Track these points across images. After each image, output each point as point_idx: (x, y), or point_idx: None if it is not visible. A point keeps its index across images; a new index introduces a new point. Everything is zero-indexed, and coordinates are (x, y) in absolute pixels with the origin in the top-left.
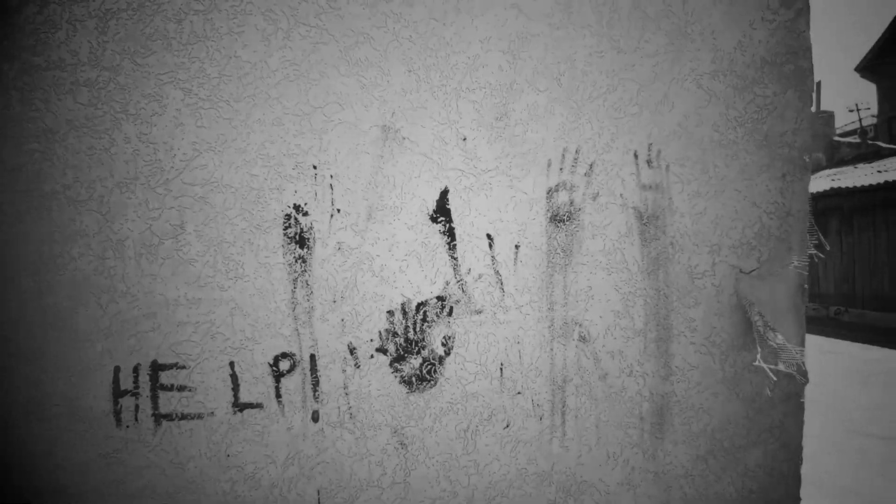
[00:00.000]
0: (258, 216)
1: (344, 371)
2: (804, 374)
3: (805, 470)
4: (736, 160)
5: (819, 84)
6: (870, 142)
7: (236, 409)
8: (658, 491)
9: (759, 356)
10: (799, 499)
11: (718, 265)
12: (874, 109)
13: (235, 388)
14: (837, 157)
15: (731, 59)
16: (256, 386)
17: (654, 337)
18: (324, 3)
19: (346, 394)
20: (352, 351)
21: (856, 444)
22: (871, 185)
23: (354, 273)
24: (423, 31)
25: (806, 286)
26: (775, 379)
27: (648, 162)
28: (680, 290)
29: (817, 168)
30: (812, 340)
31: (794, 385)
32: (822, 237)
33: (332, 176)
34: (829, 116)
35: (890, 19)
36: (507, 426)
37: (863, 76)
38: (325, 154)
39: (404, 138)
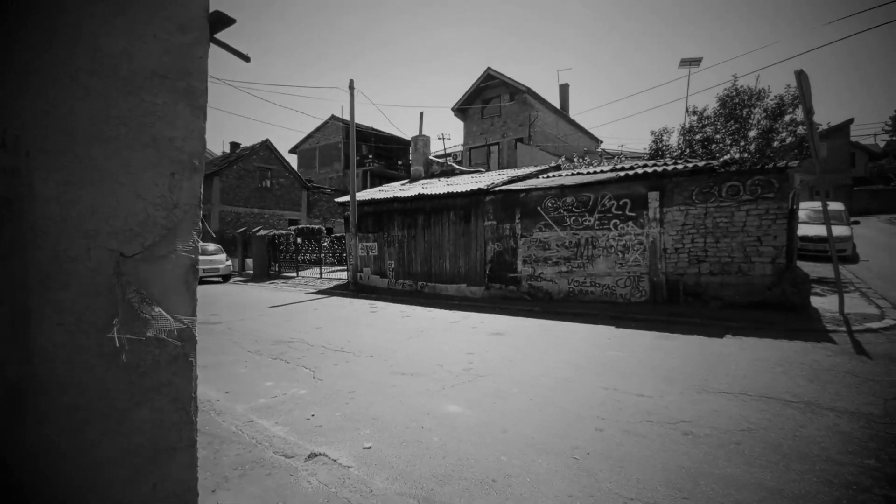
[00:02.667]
0: None
1: None
2: (180, 338)
3: (354, 406)
4: (118, 155)
5: (422, 114)
6: (449, 162)
7: None
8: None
9: (116, 328)
10: (195, 440)
11: (95, 250)
12: (461, 140)
13: None
14: (430, 171)
15: (116, 63)
16: None
17: (8, 322)
18: None
19: None
20: None
21: (391, 381)
22: (441, 194)
23: None
24: None
25: (198, 267)
26: (118, 345)
27: (3, 146)
28: (43, 273)
29: (417, 177)
30: (404, 308)
31: (185, 348)
32: (207, 227)
33: None
34: (427, 139)
35: (476, 77)
36: None
37: (455, 115)
38: None
39: None
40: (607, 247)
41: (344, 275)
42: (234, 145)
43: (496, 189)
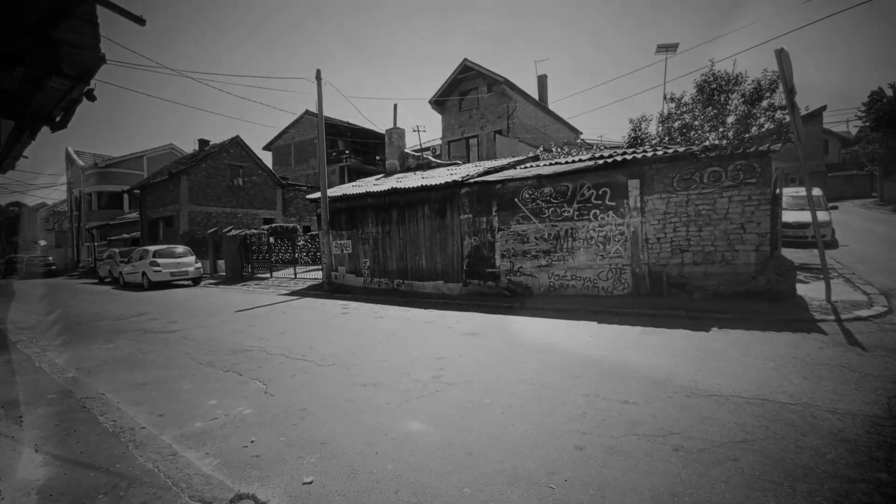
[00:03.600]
0: None
1: None
2: None
3: (302, 427)
4: None
5: (396, 105)
6: (425, 156)
7: None
8: None
9: None
10: None
11: None
12: (440, 133)
13: None
14: (406, 165)
15: None
16: None
17: None
18: None
19: None
20: None
21: (350, 395)
22: (415, 187)
23: None
24: None
25: None
26: None
27: None
28: None
29: (392, 172)
30: (377, 308)
31: None
32: None
33: None
34: (402, 132)
35: (453, 69)
36: None
37: (433, 108)
38: None
39: None
40: (588, 238)
41: (319, 274)
42: (203, 142)
43: (471, 181)
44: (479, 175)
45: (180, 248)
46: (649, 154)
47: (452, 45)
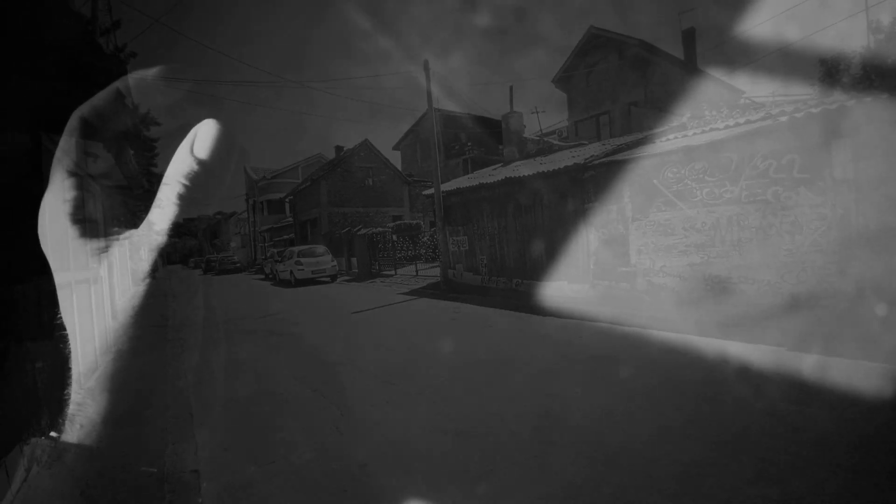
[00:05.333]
0: None
1: None
2: None
3: (357, 491)
4: None
5: (511, 87)
6: (547, 139)
7: None
8: None
9: None
10: None
11: None
12: (566, 114)
13: None
14: (525, 151)
15: None
16: None
17: None
18: None
19: None
20: None
21: (427, 445)
22: (531, 175)
23: None
24: None
25: None
26: None
27: None
28: None
29: (511, 160)
30: (490, 314)
31: None
32: None
33: None
34: (520, 116)
35: (577, 39)
36: None
37: (557, 87)
38: None
39: None
40: (764, 227)
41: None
42: (339, 148)
43: (596, 162)
44: (606, 155)
45: (320, 249)
46: (867, 98)
47: (572, 12)
